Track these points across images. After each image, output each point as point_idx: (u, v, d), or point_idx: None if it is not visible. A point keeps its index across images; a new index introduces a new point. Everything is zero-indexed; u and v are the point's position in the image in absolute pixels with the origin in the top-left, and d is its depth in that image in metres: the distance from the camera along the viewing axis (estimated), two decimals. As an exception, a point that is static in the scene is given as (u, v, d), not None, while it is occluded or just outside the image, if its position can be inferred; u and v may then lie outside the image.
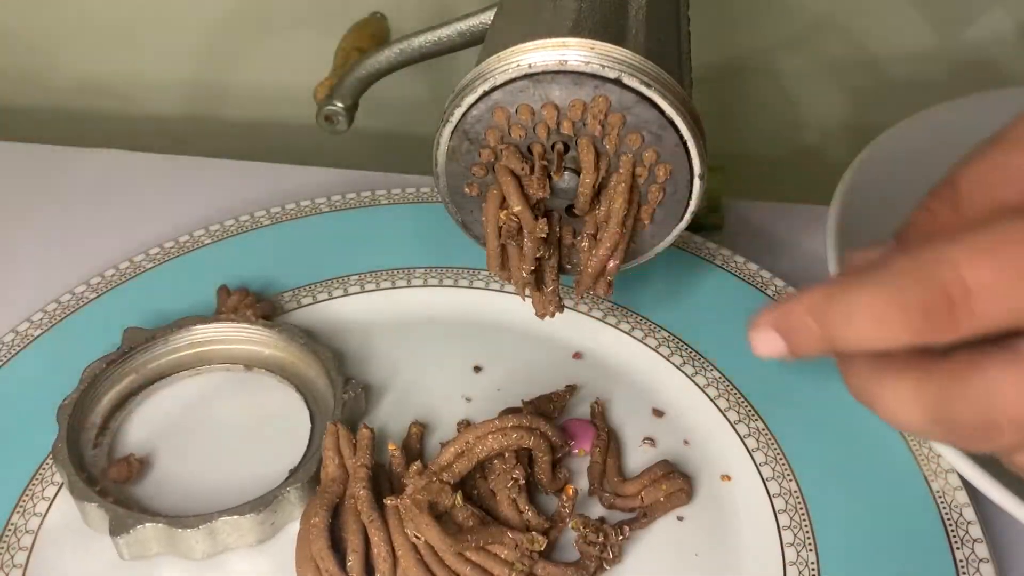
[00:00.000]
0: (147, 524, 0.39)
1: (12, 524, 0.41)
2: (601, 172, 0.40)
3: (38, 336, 0.48)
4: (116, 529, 0.39)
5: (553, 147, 0.40)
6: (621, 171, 0.40)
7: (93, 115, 0.75)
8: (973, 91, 0.56)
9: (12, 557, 0.40)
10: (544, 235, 0.41)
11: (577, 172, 0.40)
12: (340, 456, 0.41)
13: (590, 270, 0.42)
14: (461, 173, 0.41)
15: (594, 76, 0.38)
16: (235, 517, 0.40)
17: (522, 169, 0.40)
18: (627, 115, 0.39)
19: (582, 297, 0.46)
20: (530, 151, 0.41)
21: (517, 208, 0.40)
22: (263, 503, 0.40)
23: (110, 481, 0.42)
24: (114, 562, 0.40)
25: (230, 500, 0.40)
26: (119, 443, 0.45)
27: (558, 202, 0.42)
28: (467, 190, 0.42)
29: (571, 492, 0.41)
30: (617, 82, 0.38)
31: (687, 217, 0.42)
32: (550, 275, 0.43)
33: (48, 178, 0.61)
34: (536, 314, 0.43)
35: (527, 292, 0.43)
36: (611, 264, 0.42)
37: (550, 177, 0.40)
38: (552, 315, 0.43)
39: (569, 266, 0.43)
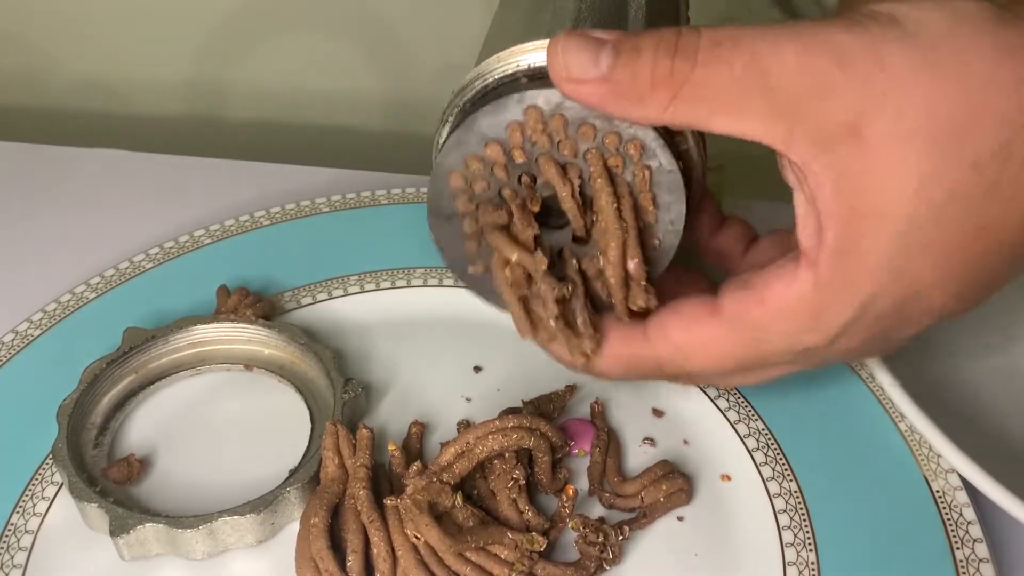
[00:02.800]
0: (147, 524, 0.39)
1: (12, 524, 0.41)
2: (574, 181, 0.38)
3: (38, 336, 0.48)
4: (116, 529, 0.39)
5: (520, 181, 0.39)
6: (592, 168, 0.38)
7: (93, 115, 0.75)
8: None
9: (12, 557, 0.40)
10: (545, 265, 0.38)
11: (555, 196, 0.39)
12: (340, 456, 0.41)
13: (613, 280, 0.39)
14: (460, 257, 0.40)
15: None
16: (235, 517, 0.40)
17: (503, 219, 0.39)
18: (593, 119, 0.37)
19: (627, 318, 0.40)
20: (502, 197, 0.39)
21: (514, 257, 0.38)
22: (263, 503, 0.40)
23: (110, 481, 0.42)
24: (114, 562, 0.40)
25: (230, 500, 0.40)
26: (119, 443, 0.45)
27: (562, 236, 0.40)
28: (472, 269, 0.41)
29: (571, 492, 0.41)
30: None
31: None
32: (581, 315, 0.39)
33: (48, 178, 0.61)
34: (572, 362, 0.39)
35: (562, 340, 0.39)
36: (632, 265, 0.39)
37: (536, 213, 0.39)
38: (591, 352, 0.39)
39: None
